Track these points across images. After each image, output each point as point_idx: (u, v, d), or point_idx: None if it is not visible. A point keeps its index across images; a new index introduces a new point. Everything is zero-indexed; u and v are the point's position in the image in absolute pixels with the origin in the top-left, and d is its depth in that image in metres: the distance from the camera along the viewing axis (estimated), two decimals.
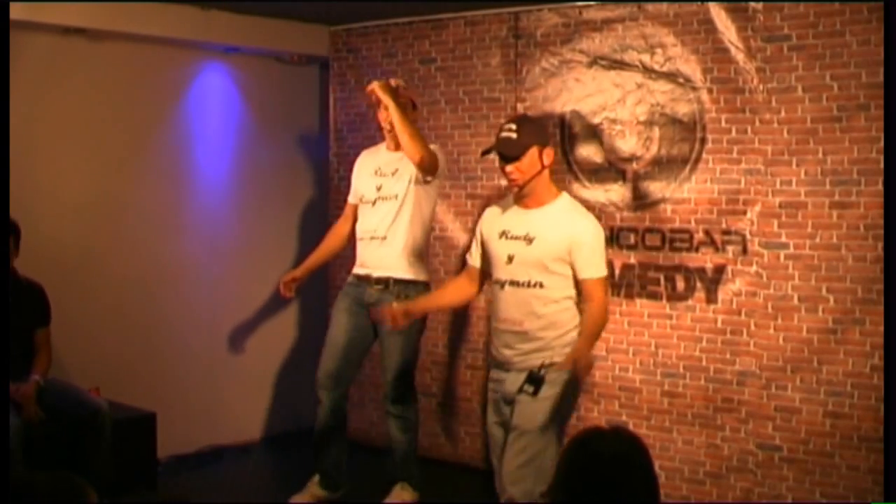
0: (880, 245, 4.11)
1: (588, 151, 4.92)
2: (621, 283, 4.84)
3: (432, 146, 4.54)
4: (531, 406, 3.56)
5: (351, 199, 4.76)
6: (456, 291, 4.05)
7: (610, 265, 4.84)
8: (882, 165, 3.90)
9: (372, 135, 5.66)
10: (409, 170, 4.49)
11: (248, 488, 4.93)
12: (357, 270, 4.64)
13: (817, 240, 4.33)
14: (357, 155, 5.72)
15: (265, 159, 5.86)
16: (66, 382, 4.59)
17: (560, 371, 3.53)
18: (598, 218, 4.84)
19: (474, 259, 3.88)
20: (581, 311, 3.68)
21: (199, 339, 5.60)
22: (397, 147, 4.53)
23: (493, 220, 3.77)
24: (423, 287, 4.56)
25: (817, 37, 4.27)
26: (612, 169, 4.85)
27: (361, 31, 5.67)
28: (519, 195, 3.67)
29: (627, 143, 4.80)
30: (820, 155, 4.31)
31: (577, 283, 3.63)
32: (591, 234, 3.64)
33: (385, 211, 4.53)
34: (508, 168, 3.58)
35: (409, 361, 4.64)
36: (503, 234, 3.68)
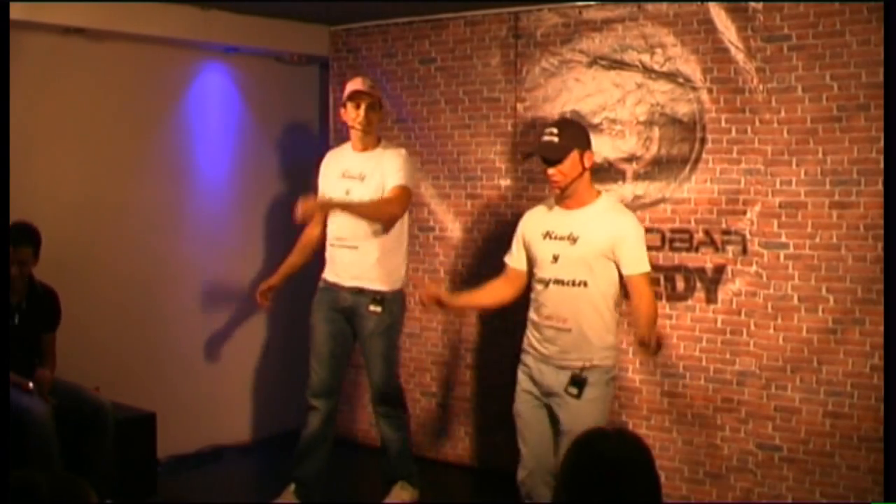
0: (880, 245, 4.12)
1: None
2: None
3: (395, 152, 4.49)
4: (578, 409, 3.62)
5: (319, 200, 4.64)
6: (492, 293, 4.01)
7: None
8: (882, 165, 3.91)
9: None
10: (378, 174, 4.43)
11: (247, 488, 4.93)
12: (328, 276, 4.59)
13: (817, 240, 4.33)
14: None
15: (265, 159, 5.86)
16: (67, 381, 4.59)
17: (602, 371, 3.67)
18: None
19: (514, 260, 3.89)
20: (620, 313, 3.81)
21: (198, 339, 5.60)
22: (364, 147, 4.50)
23: (537, 222, 3.82)
24: (398, 296, 4.55)
25: (817, 37, 4.28)
26: (613, 169, 4.85)
27: (361, 31, 5.67)
28: (560, 197, 3.73)
29: (627, 143, 4.80)
30: (820, 155, 4.31)
31: (622, 281, 3.71)
32: (633, 231, 3.71)
33: (353, 218, 4.44)
34: (550, 171, 3.65)
35: (392, 361, 4.63)
36: (547, 234, 3.73)
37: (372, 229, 4.44)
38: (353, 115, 4.47)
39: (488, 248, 5.26)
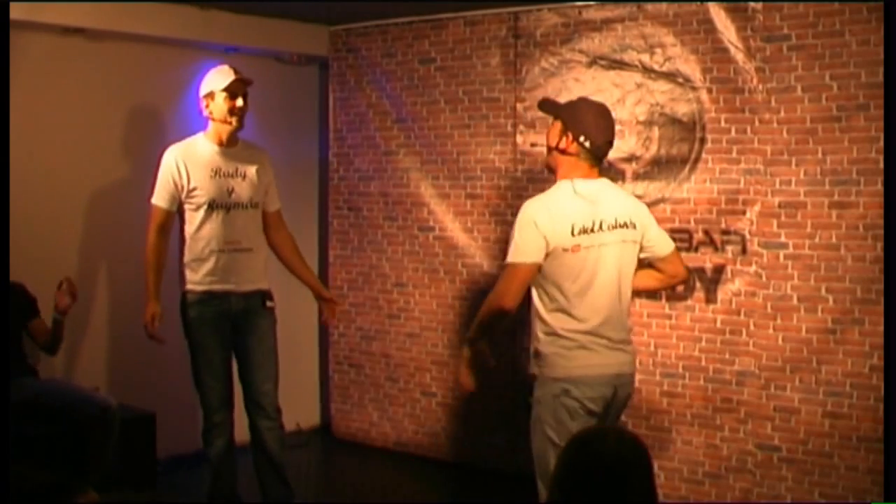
0: (880, 245, 4.11)
1: None
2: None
3: (265, 156, 4.42)
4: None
5: (162, 204, 4.27)
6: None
7: None
8: (881, 165, 3.91)
9: (371, 134, 5.67)
10: (252, 171, 4.32)
11: (247, 488, 4.91)
12: (213, 286, 4.25)
13: (816, 240, 4.33)
14: (357, 154, 5.75)
15: None
16: (69, 382, 4.60)
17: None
18: None
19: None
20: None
21: None
22: (232, 142, 4.30)
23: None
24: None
25: (817, 37, 4.28)
26: (612, 169, 4.85)
27: (361, 31, 5.67)
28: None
29: (627, 143, 4.80)
30: (819, 155, 4.31)
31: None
32: (518, 218, 3.43)
33: (246, 218, 4.29)
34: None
35: (277, 367, 4.44)
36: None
37: (258, 230, 4.35)
38: (226, 108, 4.20)
39: (488, 247, 5.26)
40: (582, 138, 3.40)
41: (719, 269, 4.59)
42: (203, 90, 4.30)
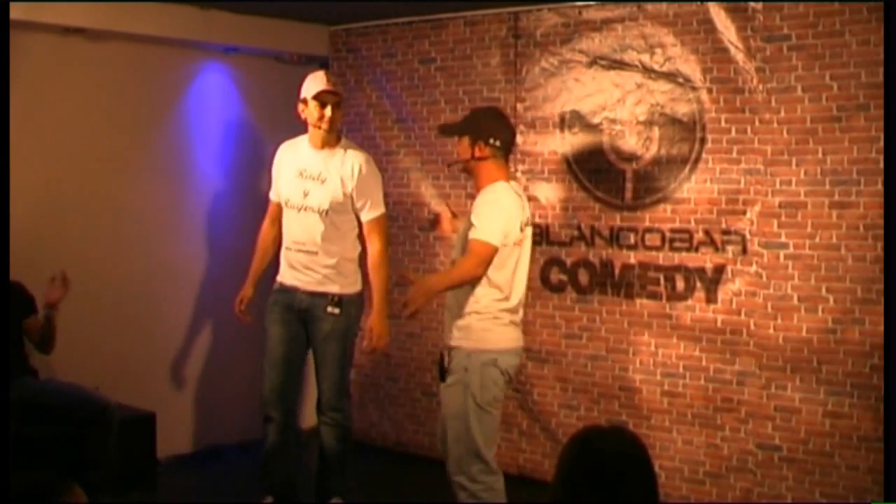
0: (880, 245, 4.11)
1: (588, 151, 4.92)
2: (621, 283, 4.84)
3: (360, 158, 4.38)
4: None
5: (273, 197, 4.56)
6: None
7: (610, 265, 4.87)
8: (881, 165, 3.91)
9: (371, 134, 5.67)
10: (336, 177, 4.33)
11: (247, 488, 4.92)
12: (285, 280, 4.46)
13: (817, 240, 4.33)
14: None
15: (265, 159, 5.84)
16: (67, 382, 4.60)
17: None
18: (598, 218, 4.90)
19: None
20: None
21: (198, 338, 5.60)
22: (324, 145, 4.37)
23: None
24: (357, 298, 4.48)
25: (817, 37, 4.28)
26: (612, 169, 4.85)
27: (361, 31, 5.67)
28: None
29: (627, 143, 4.80)
30: (819, 155, 4.31)
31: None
32: (479, 209, 3.84)
33: (312, 222, 4.36)
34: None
35: (344, 367, 4.49)
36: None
37: (328, 235, 4.36)
38: (316, 115, 4.30)
39: None
40: (492, 140, 3.85)
41: (720, 269, 4.59)
42: (302, 94, 4.39)
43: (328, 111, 4.30)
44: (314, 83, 4.35)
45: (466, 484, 3.82)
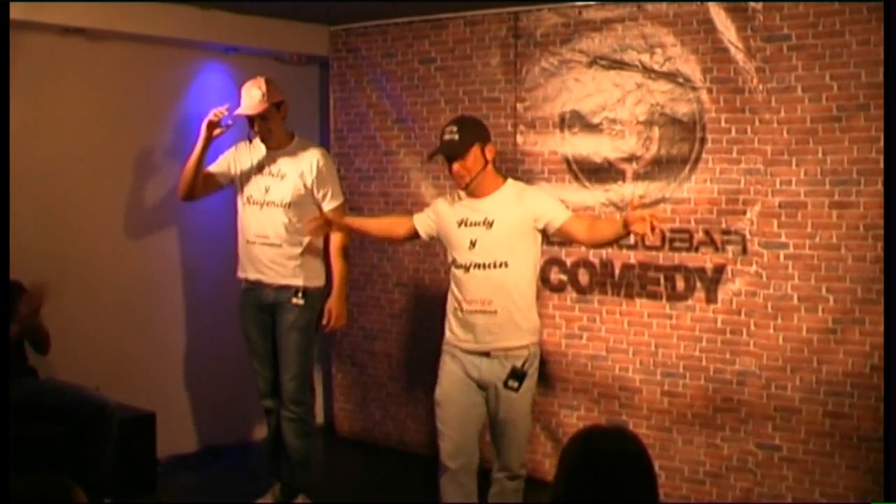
0: (880, 245, 4.12)
1: (588, 151, 4.93)
2: (621, 283, 4.84)
3: (317, 155, 4.51)
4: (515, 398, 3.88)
5: (214, 167, 4.64)
6: (385, 227, 4.36)
7: (610, 265, 4.87)
8: (882, 165, 3.90)
9: (371, 134, 5.68)
10: (295, 173, 4.47)
11: (247, 488, 4.92)
12: (249, 275, 4.58)
13: (817, 240, 4.33)
14: (357, 154, 5.77)
15: None
16: (67, 382, 4.60)
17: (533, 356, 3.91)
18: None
19: (420, 221, 4.07)
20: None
21: (198, 338, 5.60)
22: (278, 145, 4.53)
23: (448, 211, 3.94)
24: (320, 292, 4.55)
25: (817, 37, 4.28)
26: (612, 169, 4.85)
27: (361, 31, 5.67)
28: (468, 191, 3.86)
29: (627, 143, 4.80)
30: (819, 155, 4.31)
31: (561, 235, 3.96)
32: (542, 194, 4.00)
33: (275, 215, 4.48)
34: (455, 167, 3.81)
35: (306, 359, 4.58)
36: (462, 222, 3.85)
37: (292, 228, 4.46)
38: (254, 128, 4.50)
39: None
40: (491, 142, 3.89)
41: (720, 269, 4.59)
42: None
43: (256, 127, 4.50)
44: (240, 108, 4.53)
45: (518, 484, 3.94)
